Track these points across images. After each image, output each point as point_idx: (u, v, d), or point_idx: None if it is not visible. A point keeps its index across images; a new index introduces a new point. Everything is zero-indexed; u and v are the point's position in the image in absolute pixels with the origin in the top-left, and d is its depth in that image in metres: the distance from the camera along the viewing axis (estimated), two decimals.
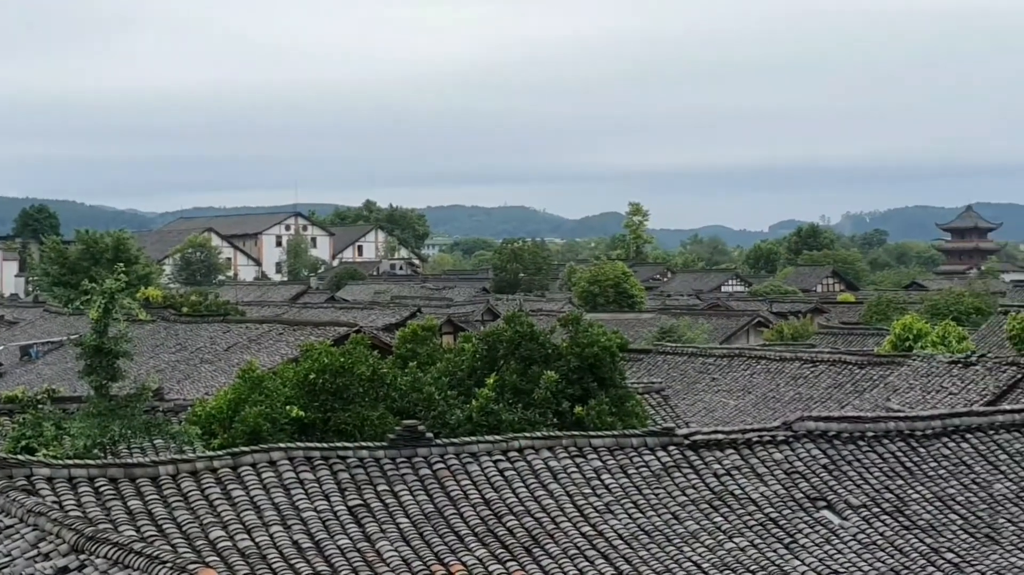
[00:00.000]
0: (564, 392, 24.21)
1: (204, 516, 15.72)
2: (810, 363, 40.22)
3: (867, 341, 55.72)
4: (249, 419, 22.70)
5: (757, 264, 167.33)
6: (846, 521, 17.95)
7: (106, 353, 23.38)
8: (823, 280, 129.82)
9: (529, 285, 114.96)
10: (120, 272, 24.53)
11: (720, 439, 19.20)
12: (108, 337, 23.44)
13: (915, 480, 19.22)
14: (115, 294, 23.55)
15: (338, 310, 70.08)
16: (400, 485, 17.00)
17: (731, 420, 35.94)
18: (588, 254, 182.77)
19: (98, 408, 22.91)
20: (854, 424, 20.17)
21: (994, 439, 20.65)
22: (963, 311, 65.02)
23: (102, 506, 15.60)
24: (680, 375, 41.93)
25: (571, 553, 16.22)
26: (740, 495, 18.08)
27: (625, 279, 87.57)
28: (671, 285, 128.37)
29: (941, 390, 34.87)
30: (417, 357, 26.65)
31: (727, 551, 16.79)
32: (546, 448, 18.18)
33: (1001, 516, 18.75)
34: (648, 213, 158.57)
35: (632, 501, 17.52)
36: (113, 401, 23.17)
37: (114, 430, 22.43)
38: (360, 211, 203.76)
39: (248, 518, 15.83)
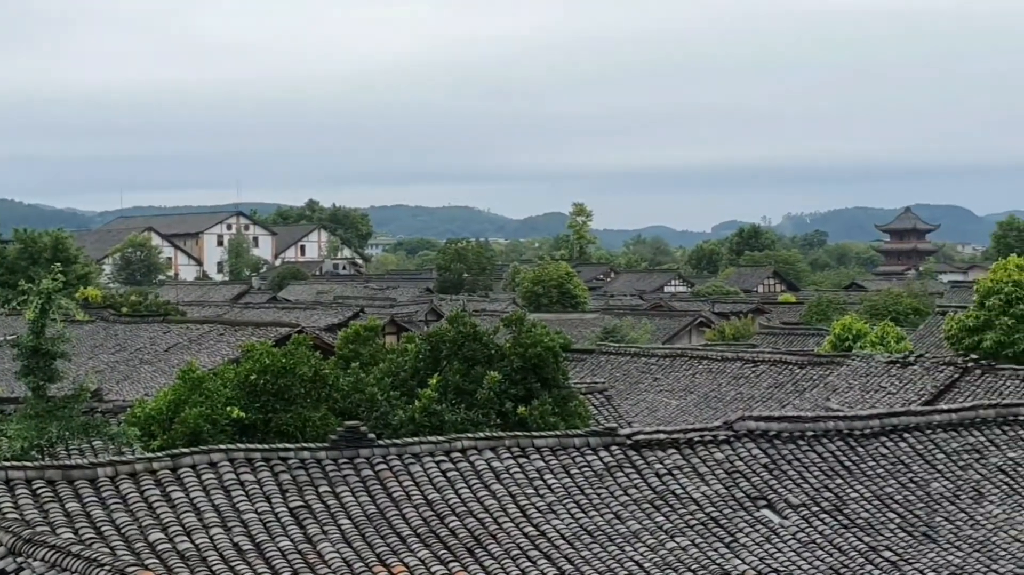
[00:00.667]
0: (507, 392, 24.22)
1: (143, 518, 15.58)
2: (751, 363, 40.53)
3: (807, 341, 56.23)
4: (189, 420, 22.51)
5: (699, 264, 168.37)
6: (786, 520, 18.09)
7: (43, 354, 23.11)
8: (764, 280, 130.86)
9: (473, 285, 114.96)
10: (58, 272, 24.24)
11: (662, 439, 19.29)
12: (46, 338, 23.17)
13: (854, 479, 19.41)
14: (52, 294, 23.27)
15: (280, 310, 69.76)
16: (342, 486, 16.93)
17: (673, 420, 36.13)
18: (532, 254, 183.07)
19: (35, 409, 22.64)
20: (794, 424, 20.33)
21: (931, 438, 20.89)
22: (901, 312, 65.78)
23: (39, 508, 15.42)
24: (623, 375, 42.09)
25: (513, 553, 16.24)
26: (681, 495, 18.17)
27: (568, 279, 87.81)
28: (614, 285, 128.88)
29: (880, 390, 35.27)
30: (360, 358, 26.57)
31: (668, 550, 16.87)
32: (489, 449, 18.18)
33: (938, 515, 18.97)
34: (592, 213, 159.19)
35: (574, 501, 17.56)
36: (51, 402, 22.90)
37: (52, 432, 22.17)
38: (303, 211, 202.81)
39: (188, 520, 15.70)
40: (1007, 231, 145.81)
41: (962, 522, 18.85)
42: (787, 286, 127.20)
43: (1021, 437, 21.49)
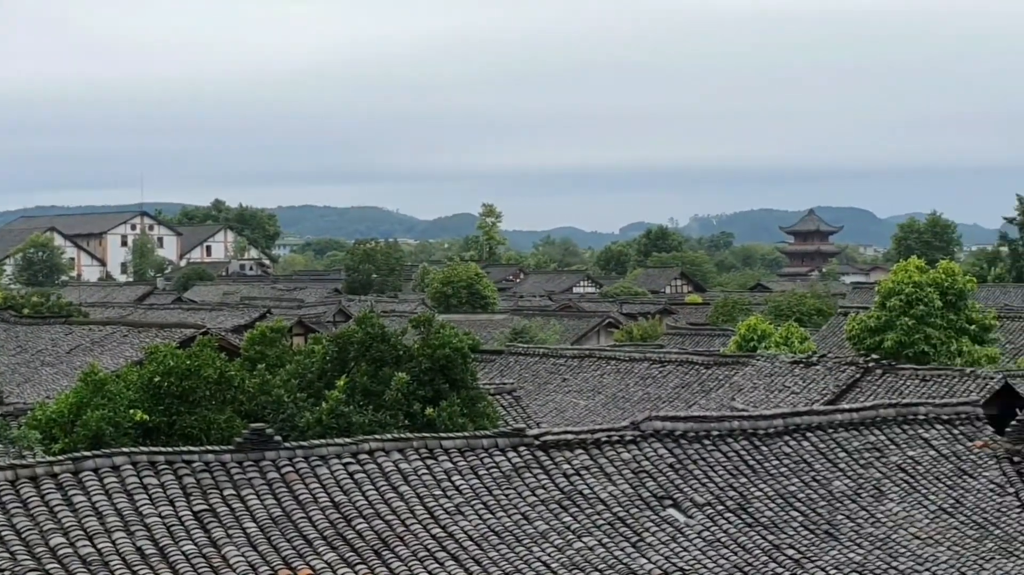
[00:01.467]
0: (415, 394, 24.17)
1: (44, 523, 15.30)
2: (658, 363, 40.88)
3: (714, 342, 56.88)
4: (91, 423, 22.16)
5: (608, 265, 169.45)
6: (691, 519, 18.26)
7: None
8: (672, 281, 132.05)
9: (382, 286, 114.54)
10: None
11: (570, 439, 19.36)
12: None
13: (758, 478, 19.65)
14: None
15: (185, 311, 68.96)
16: (247, 489, 16.76)
17: (581, 420, 36.32)
18: (441, 255, 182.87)
19: None
20: (700, 423, 20.52)
21: (833, 437, 21.22)
22: (805, 312, 66.82)
23: None
24: (532, 376, 42.22)
25: (421, 555, 16.20)
26: (589, 495, 18.26)
27: (478, 280, 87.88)
28: (524, 286, 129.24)
29: (784, 389, 35.78)
30: (266, 359, 26.35)
31: (576, 551, 16.95)
32: (396, 450, 18.11)
33: (840, 513, 19.27)
34: (501, 214, 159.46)
35: (482, 502, 17.57)
36: None
37: None
38: (209, 210, 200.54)
39: (90, 524, 15.45)
40: (907, 233, 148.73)
41: (863, 520, 19.17)
42: (694, 287, 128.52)
43: (920, 436, 21.92)
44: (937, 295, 41.78)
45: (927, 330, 41.39)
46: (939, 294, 41.89)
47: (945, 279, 42.40)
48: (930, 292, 41.78)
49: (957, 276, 43.01)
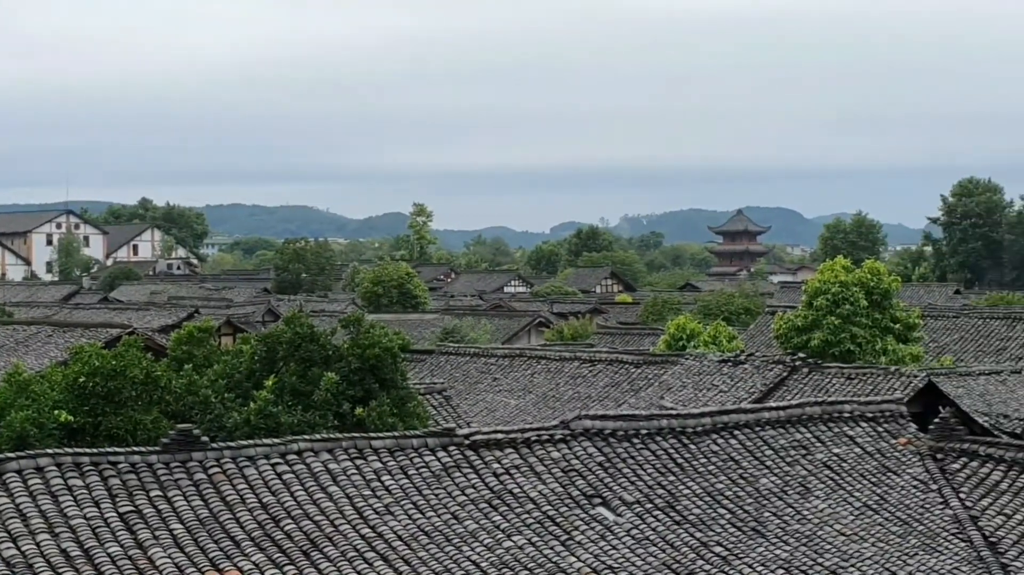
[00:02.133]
0: (345, 394, 24.07)
1: None
2: (589, 363, 41.02)
3: (643, 341, 57.19)
4: (15, 424, 21.83)
5: (539, 265, 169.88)
6: (620, 517, 18.34)
7: None
8: (602, 281, 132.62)
9: (312, 286, 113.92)
10: None
11: (500, 439, 19.37)
12: None
13: (686, 476, 19.78)
14: None
15: (111, 311, 68.05)
16: (174, 490, 16.60)
17: (512, 419, 36.36)
18: (372, 254, 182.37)
19: None
20: (629, 422, 20.62)
21: (760, 435, 21.42)
22: (733, 311, 67.41)
23: None
24: (462, 375, 42.19)
25: (350, 555, 16.13)
26: (519, 494, 18.28)
27: (409, 280, 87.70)
28: (455, 286, 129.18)
29: (712, 388, 36.07)
30: (193, 359, 26.11)
31: (505, 550, 16.96)
32: (326, 450, 18.02)
33: (767, 510, 19.45)
34: (432, 214, 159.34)
35: (412, 502, 17.53)
36: None
37: None
38: (136, 209, 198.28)
39: (13, 526, 15.22)
40: (834, 233, 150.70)
41: (789, 517, 19.37)
42: (624, 286, 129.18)
43: (846, 434, 22.19)
44: (862, 294, 42.29)
45: (853, 329, 41.88)
46: (864, 293, 42.40)
47: (870, 279, 42.93)
48: (856, 291, 42.28)
49: (882, 276, 43.56)
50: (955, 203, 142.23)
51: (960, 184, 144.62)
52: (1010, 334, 48.32)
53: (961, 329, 50.25)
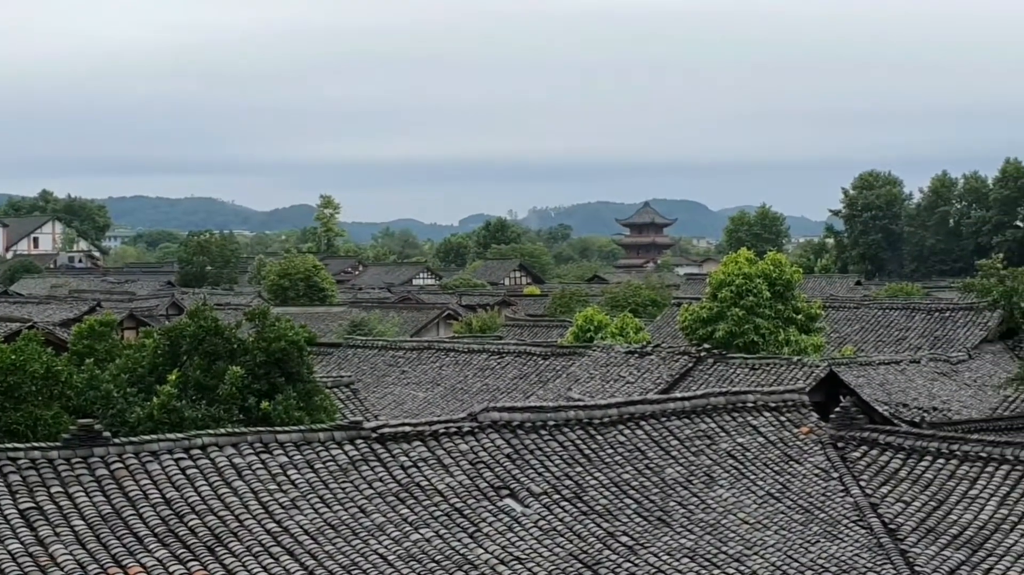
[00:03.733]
0: (250, 387, 23.84)
1: None
2: (497, 355, 41.10)
3: (551, 333, 57.39)
4: None
5: (447, 257, 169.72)
6: (528, 508, 18.41)
7: None
8: (511, 273, 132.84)
9: (217, 279, 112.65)
10: None
11: (407, 431, 19.34)
12: None
13: (593, 467, 19.91)
14: None
15: (11, 305, 66.70)
16: (75, 486, 16.33)
17: (420, 412, 36.31)
18: (278, 247, 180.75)
19: None
20: (536, 414, 20.71)
21: (666, 426, 21.63)
22: (640, 303, 67.86)
23: None
24: (370, 368, 42.03)
25: (255, 551, 16.00)
26: (426, 486, 18.28)
27: (316, 272, 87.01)
28: (362, 278, 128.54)
29: (619, 379, 36.33)
30: (95, 354, 25.71)
31: (413, 542, 16.94)
32: (230, 445, 17.86)
33: (672, 499, 19.66)
34: (339, 206, 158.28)
35: (319, 496, 17.43)
36: None
37: None
38: (36, 201, 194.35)
39: None
40: (738, 226, 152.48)
41: (694, 506, 19.59)
42: (532, 279, 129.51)
43: (749, 423, 22.50)
44: (766, 286, 42.82)
45: (756, 320, 42.40)
46: (768, 285, 42.93)
47: (773, 270, 43.48)
48: (759, 283, 42.79)
49: (784, 267, 44.13)
50: (856, 196, 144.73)
51: (861, 177, 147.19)
52: (909, 324, 49.29)
53: (862, 320, 51.14)
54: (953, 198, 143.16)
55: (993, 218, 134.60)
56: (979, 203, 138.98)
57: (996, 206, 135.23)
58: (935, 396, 36.19)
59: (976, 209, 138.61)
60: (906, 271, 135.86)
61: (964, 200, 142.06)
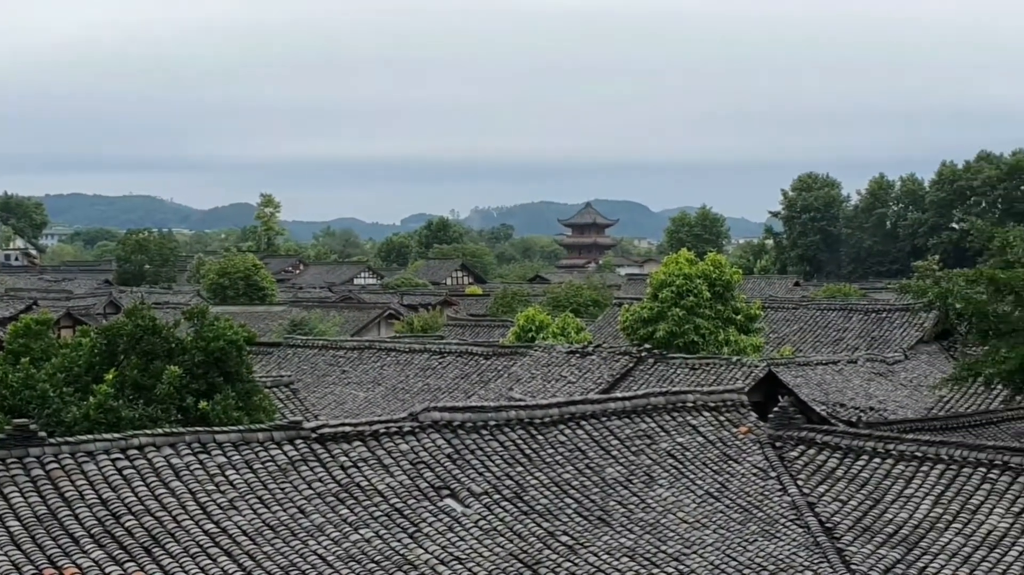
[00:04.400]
0: (188, 387, 23.63)
1: None
2: (438, 355, 41.01)
3: (493, 332, 57.40)
4: None
5: (389, 257, 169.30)
6: (468, 508, 18.40)
7: None
8: (453, 273, 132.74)
9: (155, 277, 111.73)
10: None
11: (347, 432, 19.27)
12: None
13: (534, 467, 19.94)
14: None
15: None
16: (10, 487, 16.12)
17: (360, 412, 36.16)
18: (218, 246, 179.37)
19: None
20: (477, 414, 20.71)
21: (607, 425, 21.71)
22: (582, 303, 68.04)
23: None
24: (310, 368, 41.80)
25: (193, 552, 15.87)
26: (366, 487, 18.21)
27: (256, 271, 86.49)
28: (303, 277, 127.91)
29: (560, 379, 36.38)
30: (31, 353, 25.37)
31: (352, 543, 16.87)
32: (168, 445, 17.70)
33: (612, 499, 19.72)
34: (280, 204, 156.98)
35: (257, 496, 17.32)
36: None
37: None
38: None
39: None
40: (679, 226, 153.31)
41: (634, 505, 19.67)
42: (474, 278, 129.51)
43: (689, 423, 22.63)
44: (706, 286, 43.06)
45: (696, 320, 42.63)
46: (708, 285, 43.18)
47: (713, 271, 43.74)
48: (699, 284, 43.03)
49: (724, 268, 44.42)
50: (795, 198, 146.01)
51: (800, 179, 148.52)
52: (846, 325, 49.76)
53: (800, 320, 51.58)
54: (890, 200, 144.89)
55: (929, 220, 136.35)
56: (915, 205, 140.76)
57: (932, 208, 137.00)
58: (872, 396, 36.58)
59: (912, 211, 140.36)
60: (844, 272, 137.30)
61: (901, 202, 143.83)
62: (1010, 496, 19.79)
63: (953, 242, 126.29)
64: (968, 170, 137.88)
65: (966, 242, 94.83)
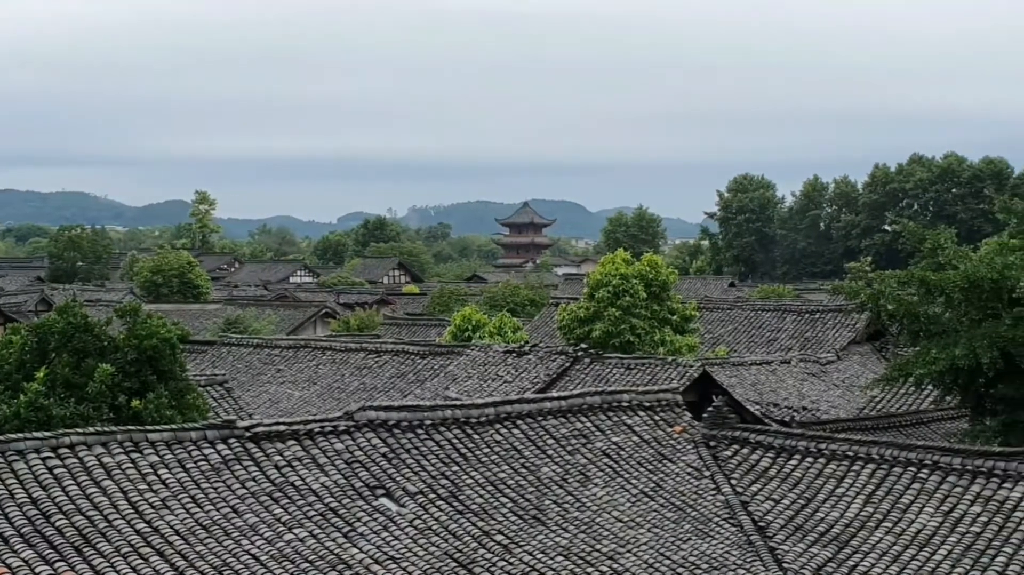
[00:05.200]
0: (120, 385, 23.37)
1: None
2: (375, 354, 40.90)
3: (430, 332, 57.36)
4: None
5: (325, 255, 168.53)
6: (403, 508, 18.36)
7: None
8: (390, 272, 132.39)
9: (88, 274, 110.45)
10: None
11: (282, 430, 19.15)
12: None
13: (469, 466, 19.93)
14: None
15: None
16: None
17: (295, 411, 35.97)
18: (152, 243, 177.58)
19: None
20: (413, 413, 20.66)
21: (542, 425, 21.75)
22: (519, 303, 68.19)
23: None
24: (245, 366, 41.52)
25: (124, 551, 15.70)
26: (300, 486, 18.11)
27: (190, 269, 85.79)
28: (238, 275, 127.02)
29: (497, 379, 36.41)
30: None
31: (286, 542, 16.77)
32: (99, 444, 17.50)
33: (547, 498, 19.76)
34: (215, 202, 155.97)
35: (190, 495, 17.17)
36: None
37: None
38: None
39: None
40: (616, 226, 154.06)
41: (569, 504, 19.72)
42: (412, 277, 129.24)
43: (624, 422, 22.73)
44: (642, 287, 43.27)
45: (632, 320, 42.82)
46: (644, 286, 43.38)
47: (649, 271, 43.96)
48: (635, 284, 43.23)
49: (660, 268, 44.65)
50: (730, 199, 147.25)
51: (735, 180, 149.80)
52: (780, 325, 50.22)
53: (735, 321, 51.98)
54: (824, 202, 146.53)
55: (862, 222, 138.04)
56: (849, 207, 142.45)
57: (865, 210, 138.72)
58: (805, 396, 36.93)
59: (846, 213, 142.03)
60: (778, 273, 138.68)
61: (834, 204, 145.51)
62: (939, 495, 20.07)
63: (885, 244, 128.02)
64: (900, 173, 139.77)
65: (898, 244, 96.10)
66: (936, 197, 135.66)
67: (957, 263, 28.48)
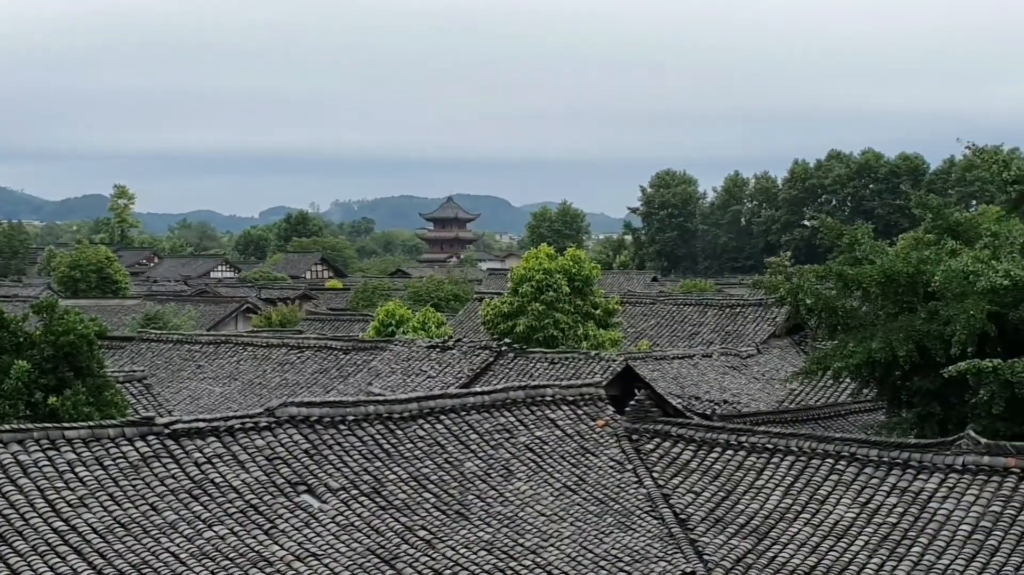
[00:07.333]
0: (37, 382, 23.04)
1: None
2: (297, 349, 40.64)
3: (353, 327, 57.08)
4: None
5: (247, 250, 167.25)
6: (325, 504, 18.27)
7: None
8: (312, 267, 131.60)
9: (4, 270, 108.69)
10: None
11: (201, 427, 18.96)
12: None
13: (392, 461, 19.88)
14: None
15: None
16: None
17: (216, 407, 35.66)
18: (69, 238, 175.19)
19: None
20: (335, 409, 20.55)
21: (466, 420, 21.74)
22: (443, 298, 68.08)
23: None
24: (165, 363, 41.06)
25: (41, 550, 15.46)
26: (221, 483, 17.95)
27: (109, 264, 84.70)
28: (158, 270, 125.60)
29: (421, 373, 36.35)
30: None
31: (206, 540, 16.62)
32: (15, 442, 17.21)
33: (471, 493, 19.77)
34: (134, 196, 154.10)
35: (108, 493, 16.94)
36: None
37: None
38: None
39: None
40: (540, 221, 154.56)
41: (493, 499, 19.74)
42: (335, 272, 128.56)
43: (547, 416, 22.79)
44: (565, 281, 43.42)
45: (556, 315, 42.97)
46: (567, 280, 43.54)
47: (573, 266, 44.13)
48: (559, 278, 43.37)
49: (584, 263, 44.83)
50: (653, 194, 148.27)
51: (658, 176, 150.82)
52: (702, 320, 50.64)
53: (657, 315, 52.33)
54: (745, 198, 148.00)
55: (782, 218, 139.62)
56: (769, 203, 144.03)
57: (785, 206, 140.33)
58: (726, 389, 37.29)
59: (766, 208, 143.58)
60: (700, 268, 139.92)
61: (755, 200, 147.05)
62: (856, 487, 20.35)
63: (805, 239, 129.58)
64: (819, 168, 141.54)
65: (817, 239, 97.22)
66: (854, 192, 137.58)
67: (874, 258, 28.86)
